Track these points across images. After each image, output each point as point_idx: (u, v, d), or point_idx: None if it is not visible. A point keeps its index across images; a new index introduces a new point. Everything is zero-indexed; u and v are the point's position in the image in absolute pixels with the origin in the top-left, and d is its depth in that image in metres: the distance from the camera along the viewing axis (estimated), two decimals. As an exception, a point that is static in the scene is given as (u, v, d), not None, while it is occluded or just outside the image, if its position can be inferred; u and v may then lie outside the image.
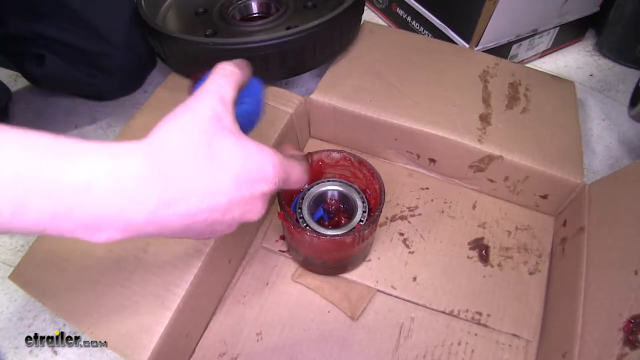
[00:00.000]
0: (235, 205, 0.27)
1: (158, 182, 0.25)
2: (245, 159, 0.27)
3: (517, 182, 0.54)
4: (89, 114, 0.71)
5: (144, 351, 0.38)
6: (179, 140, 0.27)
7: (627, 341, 0.36)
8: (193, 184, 0.26)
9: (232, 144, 0.27)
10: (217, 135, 0.27)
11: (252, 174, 0.28)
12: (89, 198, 0.23)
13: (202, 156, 0.26)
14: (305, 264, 0.51)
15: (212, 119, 0.28)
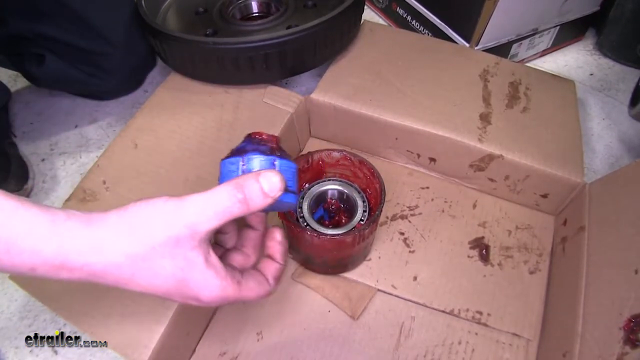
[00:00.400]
0: (173, 297, 0.30)
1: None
2: (183, 282, 0.28)
3: (518, 182, 0.54)
4: (89, 113, 0.71)
5: (145, 350, 0.38)
6: (159, 232, 0.28)
7: (628, 340, 0.36)
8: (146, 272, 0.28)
9: (186, 263, 0.28)
10: (185, 249, 0.28)
11: (186, 293, 0.29)
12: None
13: (162, 256, 0.27)
14: (306, 263, 0.51)
15: (193, 237, 0.28)
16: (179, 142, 0.50)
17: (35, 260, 0.25)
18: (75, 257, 0.25)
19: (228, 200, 0.28)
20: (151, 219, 0.28)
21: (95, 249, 0.26)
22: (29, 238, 0.25)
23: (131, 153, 0.49)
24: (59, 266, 0.25)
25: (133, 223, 0.27)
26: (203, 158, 0.49)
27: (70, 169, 0.64)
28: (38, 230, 0.25)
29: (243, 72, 0.53)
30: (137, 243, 0.27)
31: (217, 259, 0.29)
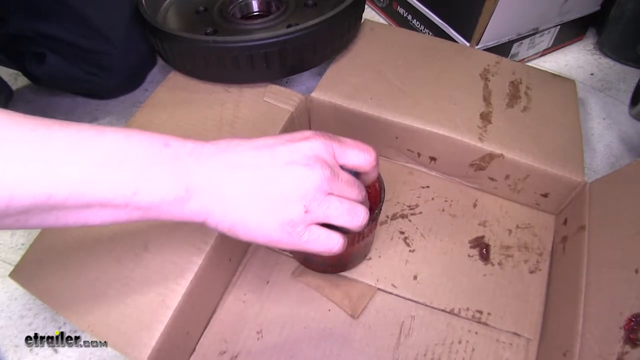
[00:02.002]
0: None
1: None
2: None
3: (518, 181, 0.54)
4: (90, 112, 0.71)
5: (145, 349, 0.38)
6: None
7: (628, 340, 0.36)
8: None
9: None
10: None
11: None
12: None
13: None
14: (306, 262, 0.51)
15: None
16: (179, 140, 0.50)
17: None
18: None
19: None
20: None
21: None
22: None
23: (131, 152, 0.49)
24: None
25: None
26: (203, 157, 0.49)
27: (70, 167, 0.64)
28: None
29: (243, 71, 0.53)
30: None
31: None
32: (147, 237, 0.43)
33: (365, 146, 0.35)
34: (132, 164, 0.27)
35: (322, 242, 0.32)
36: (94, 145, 0.26)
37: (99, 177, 0.26)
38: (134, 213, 0.28)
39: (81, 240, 0.43)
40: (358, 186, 0.34)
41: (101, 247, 0.43)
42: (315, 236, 0.32)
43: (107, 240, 0.43)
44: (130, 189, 0.27)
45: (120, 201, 0.27)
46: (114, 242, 0.43)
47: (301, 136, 0.32)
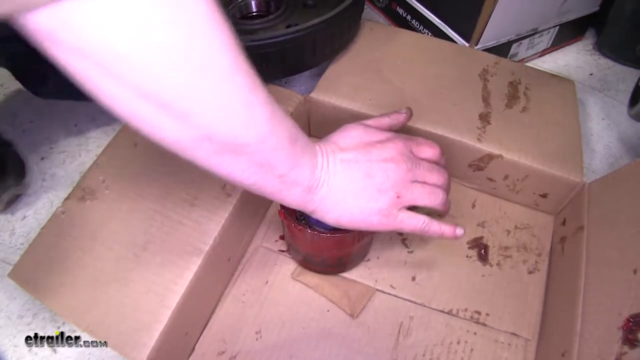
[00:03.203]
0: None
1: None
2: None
3: (517, 181, 0.54)
4: (89, 113, 0.70)
5: (144, 349, 0.38)
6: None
7: (627, 340, 0.36)
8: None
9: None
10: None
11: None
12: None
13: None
14: (305, 262, 0.51)
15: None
16: (179, 141, 0.50)
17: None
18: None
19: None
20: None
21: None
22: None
23: (131, 151, 0.49)
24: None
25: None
26: (202, 157, 0.49)
27: (69, 167, 0.64)
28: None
29: (242, 71, 0.53)
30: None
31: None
32: (146, 237, 0.43)
33: (432, 143, 0.43)
34: (300, 146, 0.33)
35: (412, 221, 0.39)
36: (284, 122, 0.32)
37: (281, 146, 0.31)
38: (277, 184, 0.33)
39: (80, 240, 0.43)
40: (437, 171, 0.41)
41: (100, 247, 0.43)
42: (407, 217, 0.39)
43: (106, 240, 0.43)
44: (292, 164, 0.33)
45: (281, 170, 0.32)
46: (113, 242, 0.43)
47: (386, 138, 0.39)
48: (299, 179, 0.34)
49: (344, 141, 0.38)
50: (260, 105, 0.29)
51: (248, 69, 0.28)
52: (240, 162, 0.30)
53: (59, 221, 0.45)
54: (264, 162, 0.31)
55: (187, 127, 0.27)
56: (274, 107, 0.31)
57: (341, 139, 0.39)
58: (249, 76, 0.28)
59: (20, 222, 0.59)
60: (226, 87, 0.27)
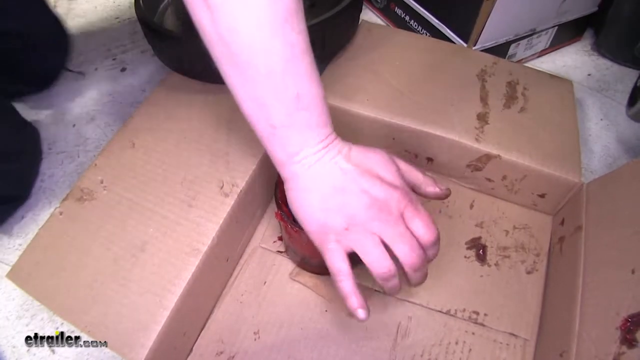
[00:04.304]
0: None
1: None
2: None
3: (515, 181, 0.54)
4: (87, 112, 0.71)
5: (142, 350, 0.38)
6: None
7: (625, 340, 0.36)
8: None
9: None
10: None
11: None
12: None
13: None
14: (303, 264, 0.51)
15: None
16: (177, 141, 0.50)
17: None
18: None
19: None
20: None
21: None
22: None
23: (129, 152, 0.49)
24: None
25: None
26: (200, 158, 0.49)
27: (68, 168, 0.64)
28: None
29: (241, 71, 0.53)
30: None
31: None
32: (144, 237, 0.43)
33: (432, 225, 0.38)
34: (304, 115, 0.34)
35: (336, 262, 0.36)
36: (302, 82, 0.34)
37: (286, 95, 0.33)
38: (266, 131, 0.35)
39: (78, 240, 0.43)
40: (413, 251, 0.36)
41: (98, 247, 0.43)
42: (336, 253, 0.36)
43: (104, 240, 0.43)
44: (287, 122, 0.34)
45: (274, 121, 0.34)
46: (111, 243, 0.43)
47: (394, 185, 0.36)
48: (285, 142, 0.35)
49: (358, 156, 0.37)
50: (291, 35, 0.31)
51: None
52: (246, 89, 0.33)
53: (57, 222, 0.45)
54: (262, 101, 0.33)
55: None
56: (304, 61, 0.33)
57: (359, 153, 0.37)
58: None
59: (19, 223, 0.59)
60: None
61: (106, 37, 0.83)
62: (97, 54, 0.80)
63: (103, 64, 0.78)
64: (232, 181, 0.47)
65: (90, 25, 0.85)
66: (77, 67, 0.77)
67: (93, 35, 0.83)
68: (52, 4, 0.88)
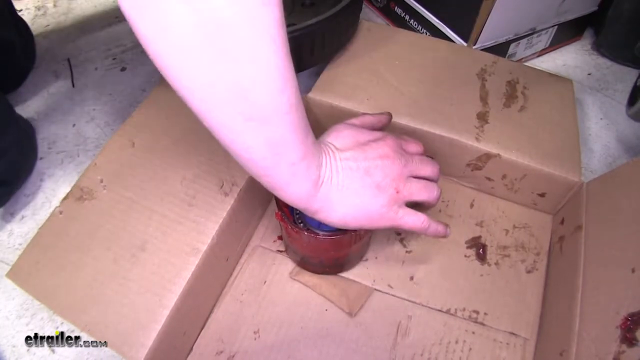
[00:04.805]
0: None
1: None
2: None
3: (515, 181, 0.54)
4: (87, 112, 0.71)
5: (142, 349, 0.38)
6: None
7: (625, 339, 0.36)
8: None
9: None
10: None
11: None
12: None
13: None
14: (303, 263, 0.51)
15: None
16: (176, 140, 0.50)
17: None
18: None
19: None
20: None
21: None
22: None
23: (129, 151, 0.49)
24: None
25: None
26: (200, 157, 0.49)
27: (67, 167, 0.64)
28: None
29: (241, 70, 0.53)
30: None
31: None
32: (143, 237, 0.43)
33: (415, 140, 0.45)
34: (310, 140, 0.34)
35: (413, 218, 0.40)
36: (302, 109, 0.32)
37: (299, 128, 0.32)
38: (287, 174, 0.33)
39: (78, 240, 0.43)
40: (429, 163, 0.43)
41: (98, 247, 0.43)
42: (408, 214, 0.40)
43: (104, 240, 0.43)
44: (303, 154, 0.33)
45: (293, 158, 0.33)
46: (111, 242, 0.43)
47: (377, 137, 0.40)
48: (308, 172, 0.34)
49: (338, 141, 0.39)
50: (292, 76, 0.30)
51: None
52: (261, 134, 0.30)
53: (57, 221, 0.45)
54: (281, 141, 0.31)
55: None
56: (297, 88, 0.32)
57: (335, 139, 0.39)
58: (285, 44, 0.29)
59: (19, 222, 0.59)
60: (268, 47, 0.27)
61: (106, 36, 0.83)
62: (97, 53, 0.80)
63: (103, 63, 0.78)
64: (232, 180, 0.47)
65: (90, 24, 0.85)
66: (77, 67, 0.77)
67: (93, 34, 0.83)
68: (51, 4, 0.89)
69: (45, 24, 0.85)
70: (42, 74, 0.76)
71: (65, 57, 0.79)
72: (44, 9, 0.88)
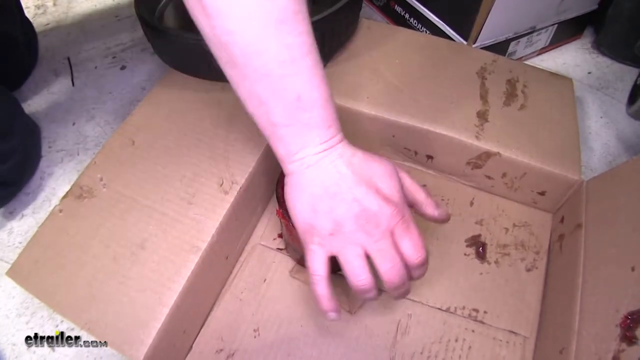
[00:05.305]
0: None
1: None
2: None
3: (515, 179, 0.54)
4: (87, 111, 0.71)
5: (141, 347, 0.38)
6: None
7: (624, 337, 0.36)
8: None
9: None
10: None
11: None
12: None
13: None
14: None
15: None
16: (176, 139, 0.50)
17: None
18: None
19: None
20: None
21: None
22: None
23: (128, 150, 0.49)
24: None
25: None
26: (200, 155, 0.49)
27: (67, 166, 0.64)
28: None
29: (240, 69, 0.53)
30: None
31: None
32: (143, 235, 0.43)
33: (422, 246, 0.37)
34: (308, 115, 0.34)
35: (315, 264, 0.36)
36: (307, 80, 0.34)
37: (290, 95, 0.33)
38: (267, 129, 0.35)
39: (78, 238, 0.43)
40: (396, 269, 0.36)
41: (98, 245, 0.43)
42: (317, 255, 0.36)
43: (103, 238, 0.43)
44: (287, 121, 0.34)
45: (275, 119, 0.34)
46: (111, 241, 0.43)
47: (391, 200, 0.35)
48: (286, 140, 0.35)
49: (360, 163, 0.36)
50: (287, 38, 0.32)
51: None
52: (247, 79, 0.33)
53: (57, 219, 0.45)
54: (265, 95, 0.33)
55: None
56: (305, 62, 0.33)
57: (362, 160, 0.36)
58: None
59: (18, 221, 0.59)
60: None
61: (106, 35, 0.83)
62: (97, 52, 0.80)
63: (103, 62, 0.78)
64: (232, 178, 0.47)
65: (90, 23, 0.85)
66: (77, 65, 0.77)
67: (93, 33, 0.83)
68: (51, 3, 0.88)
69: (45, 23, 0.85)
70: (42, 72, 0.76)
71: (65, 56, 0.79)
72: (44, 7, 0.88)
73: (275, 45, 0.31)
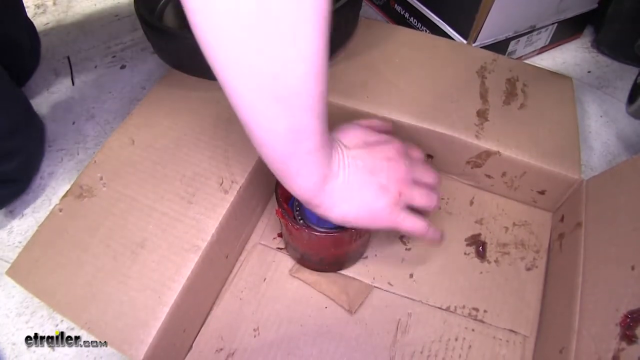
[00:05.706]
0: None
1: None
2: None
3: (515, 178, 0.54)
4: (87, 110, 0.71)
5: (142, 346, 0.38)
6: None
7: (624, 336, 0.36)
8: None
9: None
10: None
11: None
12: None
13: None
14: (303, 260, 0.51)
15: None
16: (176, 138, 0.50)
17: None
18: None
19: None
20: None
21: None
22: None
23: (128, 149, 0.49)
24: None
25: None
26: (200, 154, 0.49)
27: (67, 165, 0.64)
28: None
29: (240, 68, 0.53)
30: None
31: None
32: (143, 234, 0.43)
33: (416, 146, 0.45)
34: (327, 133, 0.34)
35: (412, 222, 0.40)
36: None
37: (321, 115, 0.32)
38: (301, 161, 0.33)
39: (78, 237, 0.43)
40: (431, 171, 0.43)
41: (98, 244, 0.43)
42: (408, 216, 0.39)
43: (103, 237, 0.43)
44: (321, 143, 0.33)
45: (310, 145, 0.32)
46: (111, 240, 0.43)
47: (384, 139, 0.40)
48: (320, 163, 0.34)
49: (347, 139, 0.39)
50: (326, 65, 0.30)
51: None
52: (287, 117, 0.30)
53: (57, 219, 0.45)
54: (304, 128, 0.31)
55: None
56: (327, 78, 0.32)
57: (344, 137, 0.39)
58: (326, 33, 0.28)
59: (18, 220, 0.59)
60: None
61: (106, 34, 0.83)
62: (97, 51, 0.80)
63: (102, 61, 0.78)
64: (232, 177, 0.47)
65: (90, 22, 0.85)
66: (77, 65, 0.77)
67: (92, 32, 0.83)
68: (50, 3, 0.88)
69: (45, 22, 0.85)
70: (42, 72, 0.76)
71: (64, 55, 0.78)
72: (43, 7, 0.88)
73: (323, 79, 0.31)
